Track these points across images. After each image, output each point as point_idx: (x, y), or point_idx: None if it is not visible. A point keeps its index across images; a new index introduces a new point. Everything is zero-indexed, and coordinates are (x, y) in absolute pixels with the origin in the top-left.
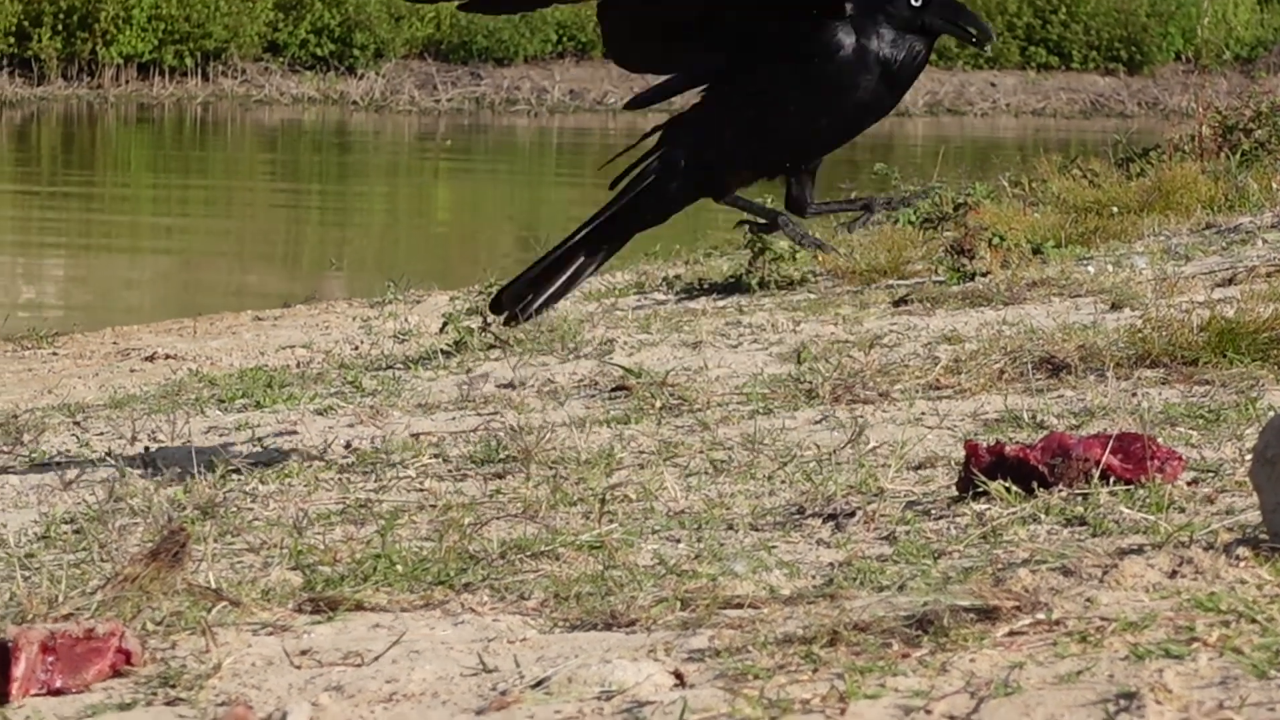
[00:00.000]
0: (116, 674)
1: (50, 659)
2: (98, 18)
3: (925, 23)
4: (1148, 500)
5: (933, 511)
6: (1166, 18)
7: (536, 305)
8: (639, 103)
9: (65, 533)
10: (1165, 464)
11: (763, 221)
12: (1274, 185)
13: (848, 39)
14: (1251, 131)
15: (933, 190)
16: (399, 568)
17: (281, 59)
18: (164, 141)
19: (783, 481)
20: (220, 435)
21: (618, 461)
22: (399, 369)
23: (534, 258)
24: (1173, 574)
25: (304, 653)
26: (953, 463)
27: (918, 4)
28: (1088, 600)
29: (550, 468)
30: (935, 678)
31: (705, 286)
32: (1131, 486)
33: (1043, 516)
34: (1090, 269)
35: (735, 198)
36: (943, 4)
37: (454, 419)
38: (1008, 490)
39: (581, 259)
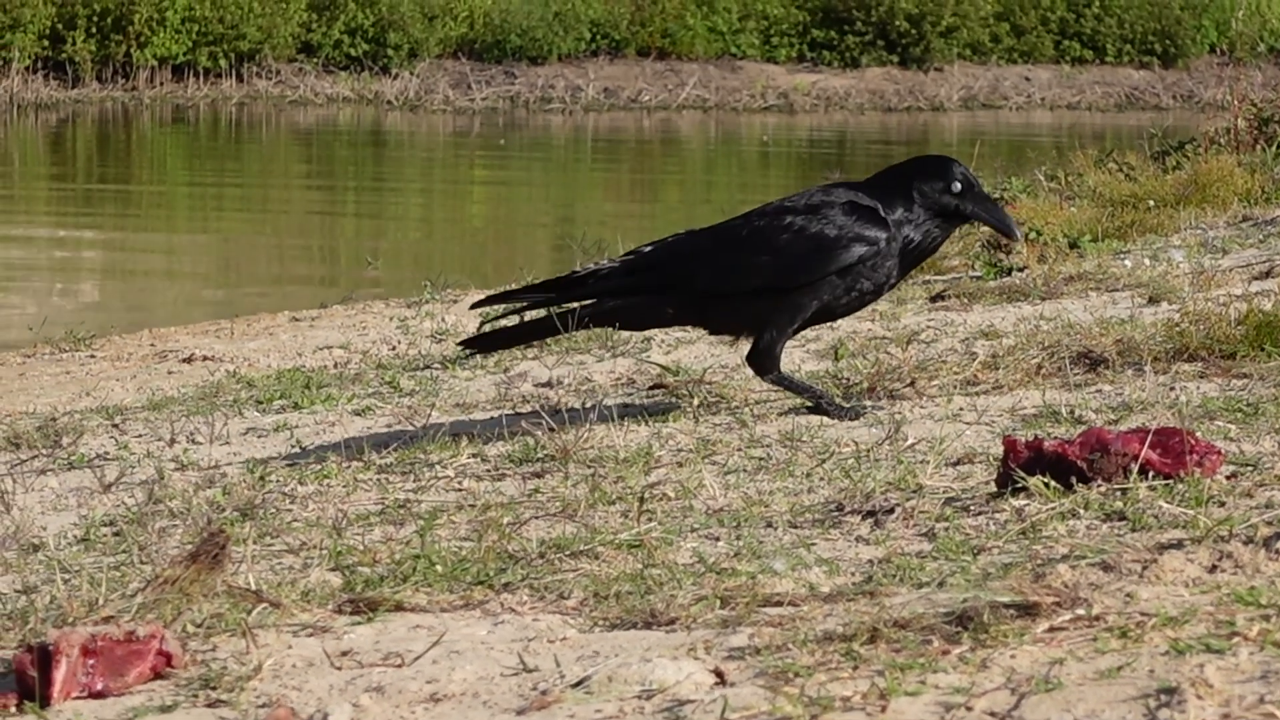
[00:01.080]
0: (157, 676)
1: (91, 662)
2: (132, 20)
3: (960, 208)
4: (1187, 495)
5: (972, 508)
6: (1200, 10)
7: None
8: None
9: (105, 535)
10: (1204, 458)
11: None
12: None
13: (880, 235)
14: None
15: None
16: (438, 568)
17: (315, 59)
18: (199, 143)
19: (821, 479)
20: (259, 436)
21: (656, 460)
22: (436, 369)
23: (570, 258)
24: (1212, 568)
25: (344, 654)
26: (991, 458)
27: (957, 189)
28: (1128, 595)
29: (589, 466)
30: (976, 674)
31: None
32: (1170, 481)
33: (1082, 512)
34: (1127, 263)
35: (780, 376)
36: (979, 195)
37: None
38: (1046, 486)
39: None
